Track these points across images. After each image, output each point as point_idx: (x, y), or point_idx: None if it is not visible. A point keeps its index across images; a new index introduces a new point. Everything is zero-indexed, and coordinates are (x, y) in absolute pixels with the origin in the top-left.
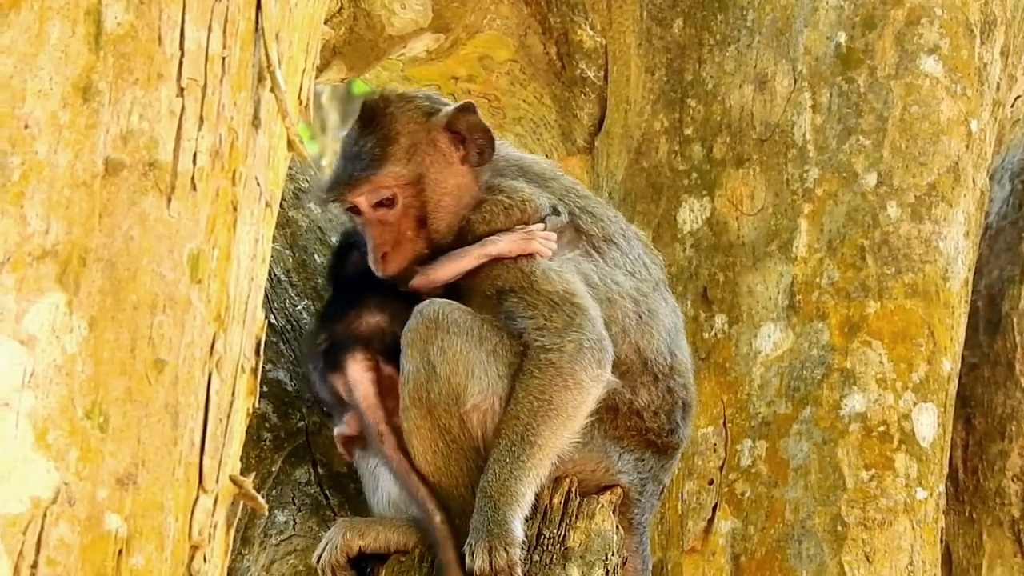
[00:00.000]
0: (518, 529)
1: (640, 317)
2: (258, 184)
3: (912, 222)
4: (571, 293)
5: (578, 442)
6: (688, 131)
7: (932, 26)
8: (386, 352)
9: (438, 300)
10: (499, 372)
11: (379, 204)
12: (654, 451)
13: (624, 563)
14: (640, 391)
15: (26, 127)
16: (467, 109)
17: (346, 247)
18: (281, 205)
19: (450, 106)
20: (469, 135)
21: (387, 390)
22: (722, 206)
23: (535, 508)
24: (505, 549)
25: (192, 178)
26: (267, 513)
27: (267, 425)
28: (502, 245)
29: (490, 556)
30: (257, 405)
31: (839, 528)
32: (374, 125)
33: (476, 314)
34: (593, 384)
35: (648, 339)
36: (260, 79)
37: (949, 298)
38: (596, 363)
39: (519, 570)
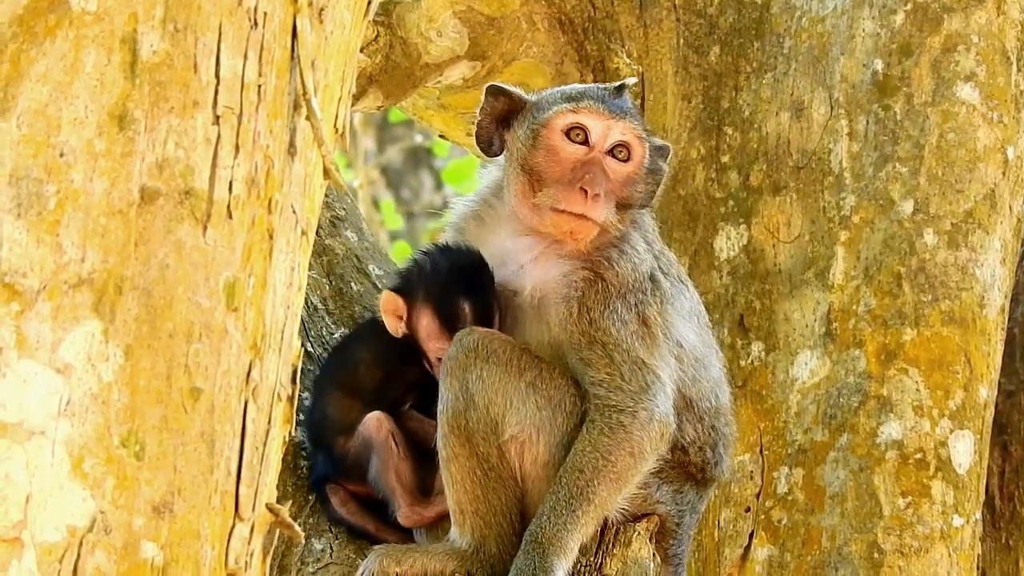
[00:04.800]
0: None
1: (694, 367)
2: (294, 212)
3: (948, 249)
4: (655, 362)
5: None
6: (725, 159)
7: (968, 53)
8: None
9: (479, 329)
10: (538, 404)
11: (618, 149)
12: (693, 483)
13: None
14: (686, 427)
15: (61, 155)
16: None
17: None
18: (317, 233)
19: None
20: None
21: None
22: (759, 234)
23: None
24: None
25: (228, 206)
26: (303, 541)
27: (303, 453)
28: None
29: None
30: (293, 433)
31: (875, 555)
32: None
33: (516, 344)
34: (652, 456)
35: (698, 386)
36: (296, 107)
37: (986, 325)
38: (660, 436)
39: None
